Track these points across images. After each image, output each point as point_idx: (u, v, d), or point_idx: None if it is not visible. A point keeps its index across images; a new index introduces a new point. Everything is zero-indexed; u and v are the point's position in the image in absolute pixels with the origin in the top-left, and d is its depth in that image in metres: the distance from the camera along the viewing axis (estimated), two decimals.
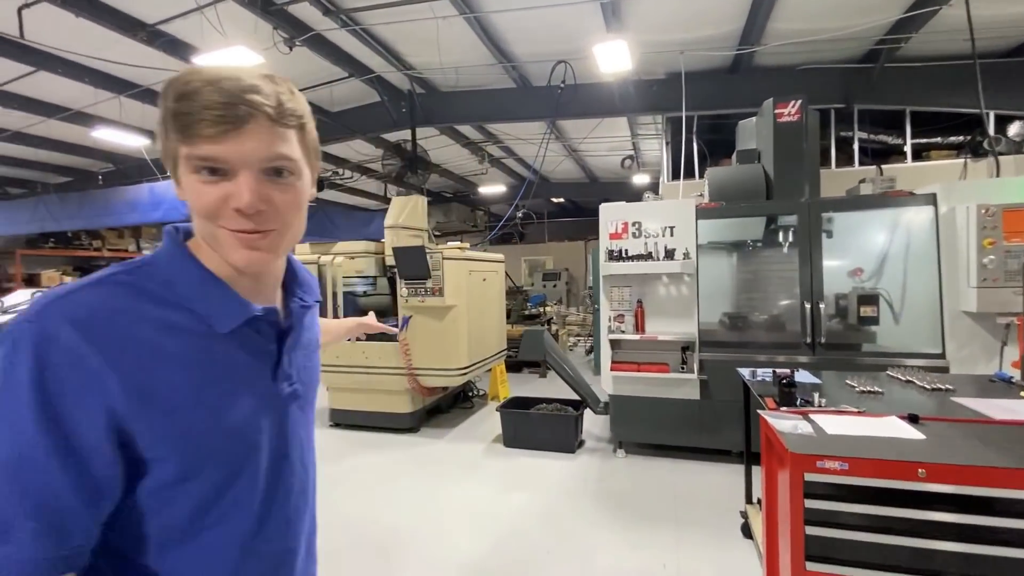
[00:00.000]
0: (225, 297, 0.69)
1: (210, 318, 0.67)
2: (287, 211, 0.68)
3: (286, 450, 0.77)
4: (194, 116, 0.60)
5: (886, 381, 2.47)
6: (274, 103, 0.63)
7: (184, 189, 0.65)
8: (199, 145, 0.61)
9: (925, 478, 1.45)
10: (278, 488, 0.75)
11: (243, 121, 0.61)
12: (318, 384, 0.89)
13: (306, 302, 0.83)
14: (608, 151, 9.76)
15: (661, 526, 3.03)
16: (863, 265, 3.94)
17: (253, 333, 0.72)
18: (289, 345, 0.77)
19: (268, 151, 0.63)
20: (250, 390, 0.71)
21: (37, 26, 4.61)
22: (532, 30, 5.31)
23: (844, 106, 5.71)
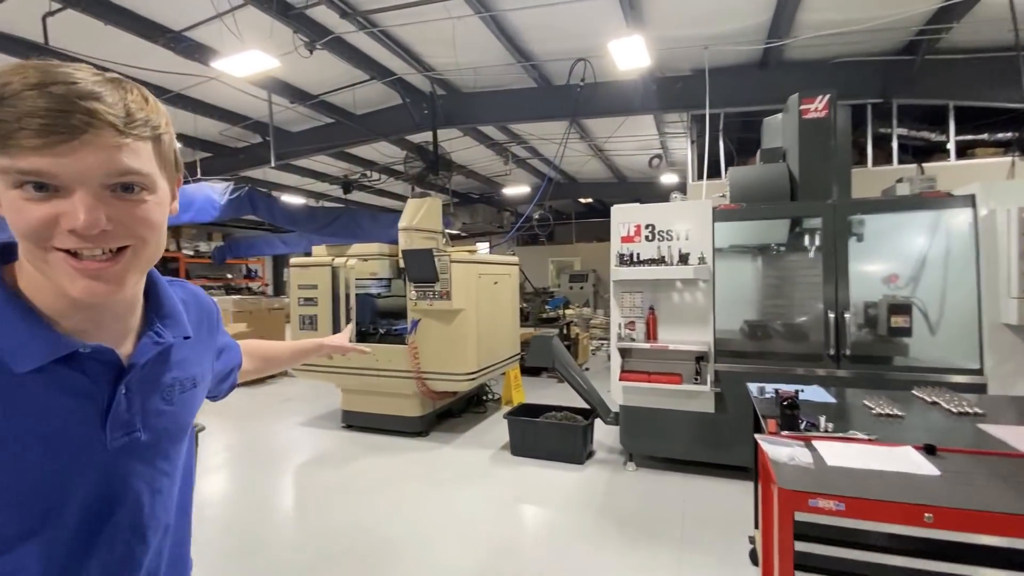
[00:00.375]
0: (30, 332, 0.59)
1: (5, 355, 0.57)
2: (138, 228, 0.59)
3: (109, 512, 0.65)
4: (14, 124, 0.51)
5: (909, 402, 2.26)
6: (121, 112, 0.56)
7: (4, 205, 0.56)
8: (20, 156, 0.52)
9: (932, 523, 1.28)
10: (87, 554, 0.63)
11: (79, 132, 0.53)
12: (187, 431, 0.77)
13: (162, 338, 0.70)
14: (635, 150, 9.53)
15: (664, 547, 2.88)
16: (898, 271, 3.65)
17: (74, 373, 0.61)
18: (131, 387, 0.66)
19: (112, 166, 0.56)
20: (59, 440, 0.60)
21: (67, 34, 4.82)
22: (549, 28, 5.20)
23: (882, 101, 5.35)
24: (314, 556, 2.87)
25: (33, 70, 0.53)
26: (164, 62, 5.41)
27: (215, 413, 6.05)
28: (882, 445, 1.72)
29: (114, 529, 0.66)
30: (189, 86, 6.40)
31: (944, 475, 1.47)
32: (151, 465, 0.70)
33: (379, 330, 5.17)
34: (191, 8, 4.66)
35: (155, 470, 0.70)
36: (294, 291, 5.18)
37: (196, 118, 7.25)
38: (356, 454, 4.48)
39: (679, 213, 3.81)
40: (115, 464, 0.65)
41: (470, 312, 4.58)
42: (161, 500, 0.72)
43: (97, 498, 0.64)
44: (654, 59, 5.27)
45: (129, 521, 0.67)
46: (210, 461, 4.47)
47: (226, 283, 14.02)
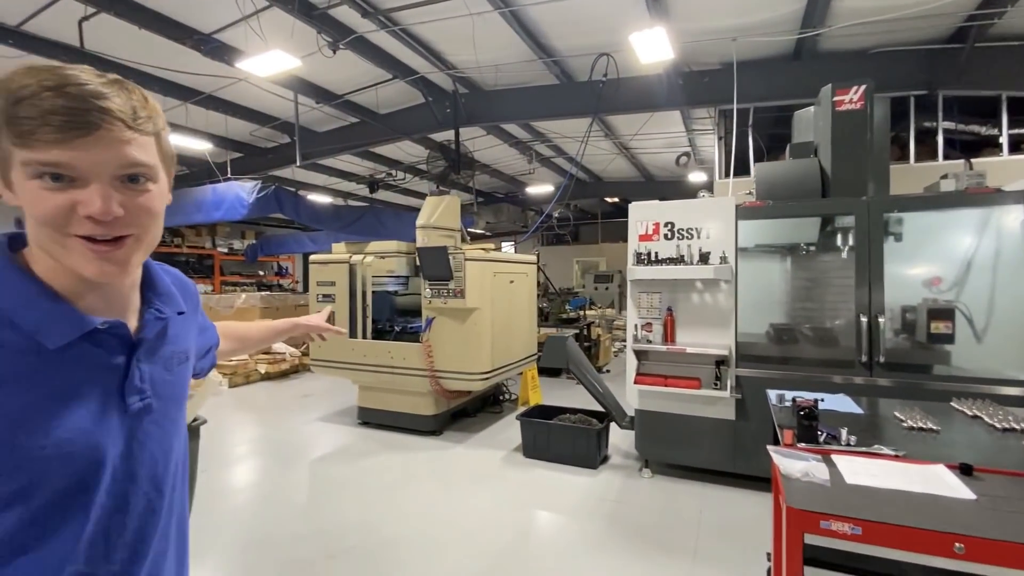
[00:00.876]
0: (55, 311, 0.65)
1: (37, 334, 0.63)
2: (143, 216, 0.67)
3: (133, 468, 0.73)
4: (36, 121, 0.58)
5: (947, 414, 2.07)
6: (128, 110, 0.63)
7: (18, 195, 0.62)
8: (41, 150, 0.59)
9: (963, 555, 1.13)
10: (118, 509, 0.71)
11: (94, 127, 0.60)
12: (184, 398, 0.85)
13: (163, 314, 0.79)
14: (662, 148, 9.30)
15: (677, 559, 2.74)
16: (942, 273, 3.39)
17: (93, 348, 0.68)
18: (140, 358, 0.74)
19: (123, 159, 0.63)
20: (87, 407, 0.67)
21: (102, 38, 5.00)
22: (571, 22, 5.10)
23: (927, 93, 5.02)
24: (318, 552, 2.85)
25: (47, 73, 0.60)
26: (193, 64, 5.55)
27: (238, 407, 6.19)
28: (911, 462, 1.56)
29: (139, 486, 0.74)
30: (220, 88, 6.57)
31: (980, 500, 1.31)
32: (161, 427, 0.78)
33: (395, 327, 5.16)
34: (219, 11, 4.76)
35: (163, 431, 0.78)
36: (313, 287, 5.23)
37: (227, 119, 7.43)
38: (369, 451, 4.48)
39: (700, 210, 3.65)
40: (134, 428, 0.73)
41: (484, 311, 4.52)
42: (171, 458, 0.80)
43: (123, 459, 0.71)
44: (679, 52, 5.10)
45: (149, 477, 0.75)
46: (230, 453, 4.55)
47: (258, 280, 14.40)
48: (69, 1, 4.30)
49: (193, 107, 6.87)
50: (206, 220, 8.18)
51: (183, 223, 8.80)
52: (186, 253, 12.60)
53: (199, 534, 2.74)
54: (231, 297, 9.16)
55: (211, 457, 4.27)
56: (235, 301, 8.89)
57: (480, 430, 4.99)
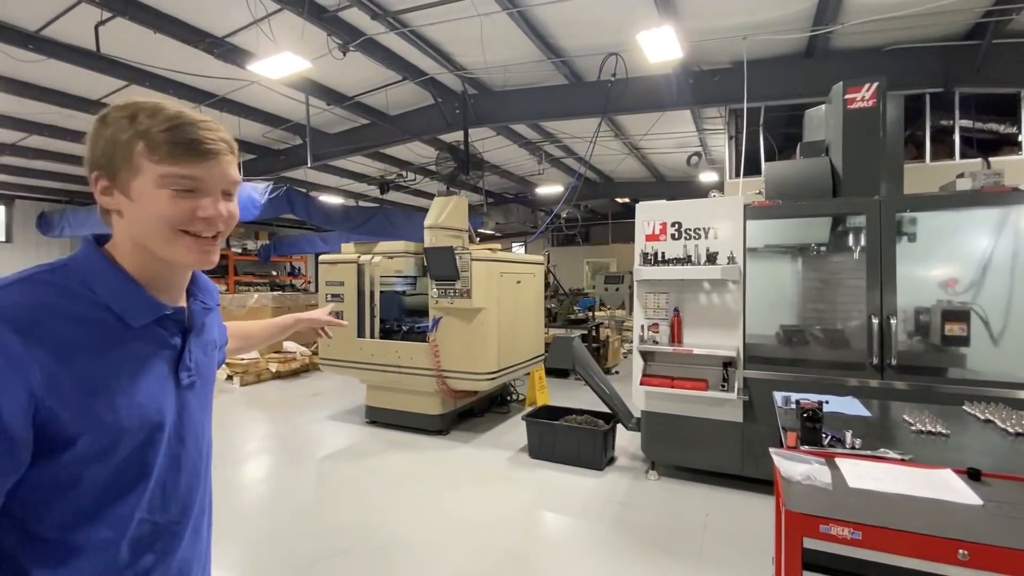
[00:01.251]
0: (139, 297, 0.79)
1: (124, 314, 0.77)
2: (231, 220, 0.82)
3: (183, 433, 0.86)
4: (181, 146, 0.75)
5: (959, 418, 2.02)
6: (230, 141, 0.81)
7: (139, 199, 0.76)
8: (185, 167, 0.75)
9: (967, 562, 1.11)
10: (173, 467, 0.84)
11: (217, 154, 0.78)
12: (214, 379, 0.99)
13: (208, 305, 0.94)
14: (673, 148, 9.23)
15: (681, 562, 2.71)
16: (957, 275, 3.32)
17: (160, 329, 0.82)
18: (191, 341, 0.87)
19: (229, 177, 0.81)
20: (155, 379, 0.80)
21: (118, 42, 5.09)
22: (579, 22, 5.08)
23: (943, 90, 4.91)
24: (322, 550, 2.88)
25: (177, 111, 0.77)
26: (207, 67, 5.63)
27: (249, 404, 6.27)
28: (917, 467, 1.52)
29: (187, 449, 0.87)
30: (233, 90, 6.66)
31: (987, 505, 1.27)
32: (199, 402, 0.91)
33: (402, 327, 5.19)
34: (232, 14, 4.82)
35: (200, 407, 0.91)
36: (322, 287, 5.28)
37: (240, 121, 7.53)
38: (375, 450, 4.50)
39: (707, 210, 3.61)
40: (183, 400, 0.86)
41: (491, 311, 4.52)
42: (204, 431, 0.93)
43: (175, 425, 0.84)
44: (688, 51, 5.06)
45: (194, 445, 0.89)
46: (241, 450, 4.61)
47: (271, 280, 14.57)
48: (86, 6, 4.38)
49: (207, 109, 6.97)
50: None
51: None
52: None
53: None
54: (244, 297, 9.28)
55: (222, 453, 4.33)
56: (248, 301, 9.01)
57: (487, 430, 4.99)
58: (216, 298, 0.99)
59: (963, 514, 1.24)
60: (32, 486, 0.70)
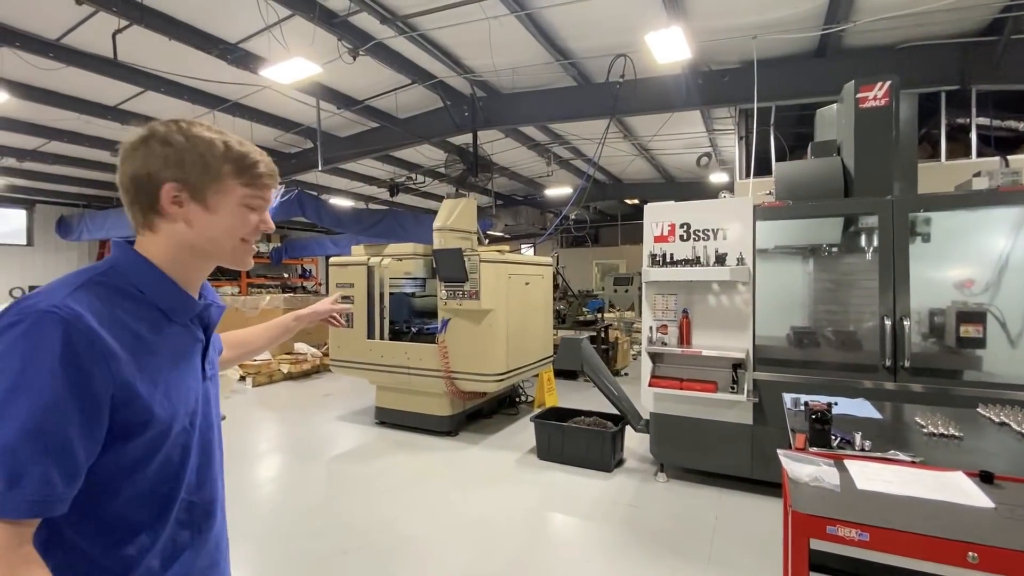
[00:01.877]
0: (181, 295, 0.88)
1: (170, 311, 0.86)
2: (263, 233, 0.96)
3: (209, 420, 0.94)
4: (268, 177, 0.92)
5: (972, 421, 1.98)
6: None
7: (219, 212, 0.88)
8: (265, 192, 0.92)
9: (977, 565, 1.09)
10: (206, 450, 0.93)
11: (276, 180, 0.94)
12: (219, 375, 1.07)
13: (221, 304, 1.01)
14: (682, 149, 9.19)
15: (690, 565, 2.69)
16: (974, 275, 3.26)
17: (192, 325, 0.91)
18: (211, 337, 0.97)
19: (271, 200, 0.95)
20: (191, 370, 0.89)
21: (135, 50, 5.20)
22: (587, 24, 5.08)
23: (959, 88, 4.83)
24: (331, 548, 2.90)
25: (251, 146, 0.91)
26: (220, 73, 5.72)
27: (260, 405, 6.34)
28: (928, 469, 1.50)
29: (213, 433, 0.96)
30: (245, 95, 6.75)
31: (999, 508, 1.25)
32: (215, 396, 0.99)
33: (412, 328, 5.22)
34: (244, 21, 4.90)
35: (215, 399, 0.99)
36: (333, 289, 5.33)
37: (252, 125, 7.63)
38: (385, 451, 4.53)
39: (716, 211, 3.59)
40: (207, 392, 0.94)
41: (499, 312, 4.53)
42: (220, 420, 1.02)
43: (204, 412, 0.92)
44: (697, 51, 5.04)
45: (216, 436, 0.98)
46: (252, 450, 4.67)
47: (283, 282, 14.74)
48: (104, 15, 4.48)
49: (220, 114, 7.08)
50: None
51: None
52: None
53: None
54: (256, 299, 9.39)
55: (234, 453, 4.38)
56: (260, 302, 9.11)
57: (495, 431, 5.00)
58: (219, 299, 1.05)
59: (973, 516, 1.22)
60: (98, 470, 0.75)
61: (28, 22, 4.84)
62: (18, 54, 5.08)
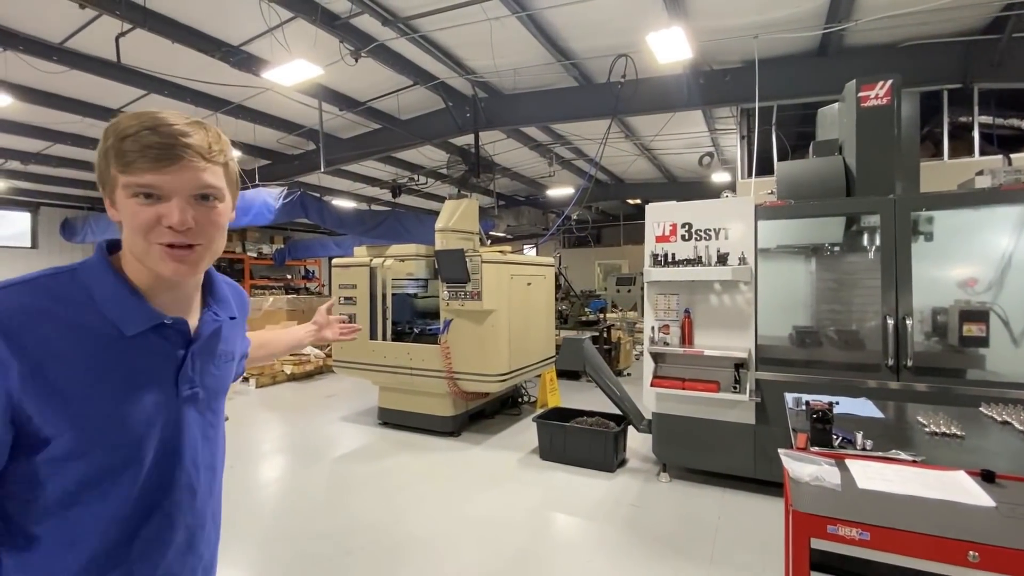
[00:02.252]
0: (135, 305, 0.79)
1: (119, 322, 0.78)
2: (211, 229, 0.81)
3: (178, 447, 0.84)
4: (137, 153, 0.74)
5: (975, 420, 1.98)
6: (205, 146, 0.78)
7: (120, 210, 0.78)
8: (139, 175, 0.74)
9: (977, 564, 1.09)
10: (162, 481, 0.83)
11: (178, 159, 0.75)
12: (225, 393, 0.97)
13: (219, 317, 0.92)
14: (684, 148, 9.18)
15: (693, 565, 2.69)
16: (976, 274, 3.26)
17: (160, 339, 0.82)
18: (195, 352, 0.86)
19: (197, 182, 0.78)
20: (148, 389, 0.80)
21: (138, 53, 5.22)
22: (588, 24, 5.09)
23: (961, 87, 4.82)
24: (335, 548, 2.91)
25: (146, 116, 0.76)
26: (223, 75, 5.75)
27: (264, 406, 6.36)
28: (929, 468, 1.50)
29: (182, 466, 0.85)
30: (248, 97, 6.78)
31: (1000, 507, 1.25)
32: (203, 416, 0.89)
33: (414, 329, 5.23)
34: (246, 23, 4.92)
35: (204, 421, 0.90)
36: (335, 290, 5.34)
37: (255, 127, 7.67)
38: (388, 451, 4.55)
39: (718, 211, 3.59)
40: (181, 411, 0.84)
41: (501, 313, 4.54)
42: (208, 445, 0.91)
43: (170, 439, 0.83)
44: (699, 51, 5.04)
45: (191, 459, 0.87)
46: (256, 450, 4.69)
47: (286, 283, 14.77)
48: (107, 18, 4.51)
49: (223, 117, 7.11)
50: (235, 225, 8.43)
51: None
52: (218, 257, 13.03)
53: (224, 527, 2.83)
54: (259, 300, 9.43)
55: (237, 454, 4.41)
56: (263, 304, 9.15)
57: (498, 432, 5.01)
58: (233, 308, 0.98)
59: (975, 516, 1.22)
60: (12, 480, 0.73)
61: (32, 25, 4.88)
62: (22, 57, 5.11)
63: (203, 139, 0.78)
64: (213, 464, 0.93)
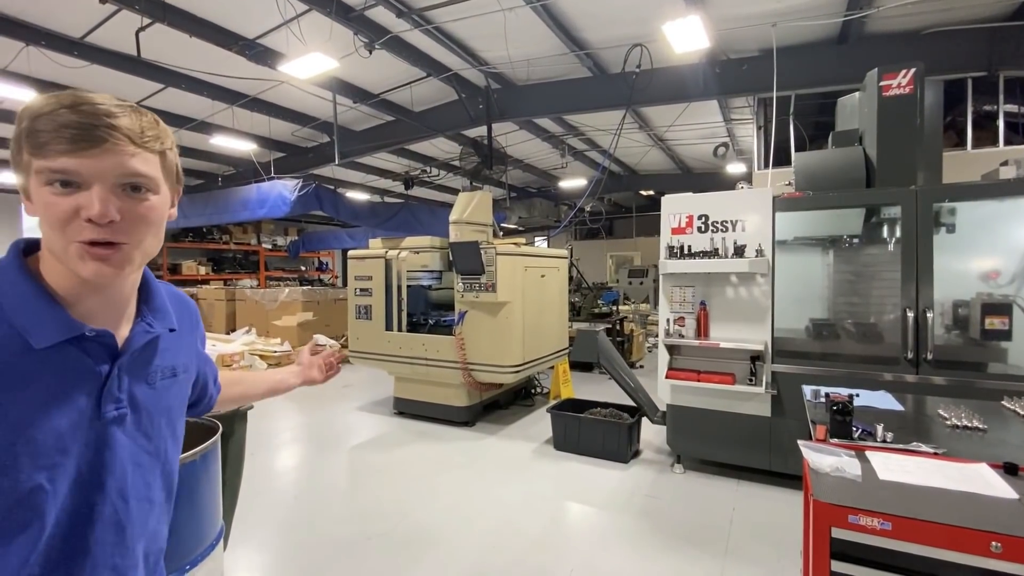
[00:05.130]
0: (48, 314, 0.68)
1: (25, 332, 0.66)
2: (139, 224, 0.70)
3: (100, 476, 0.72)
4: (51, 134, 0.64)
5: (997, 413, 1.97)
6: (136, 129, 0.68)
7: (35, 202, 0.67)
8: (53, 159, 0.64)
9: (1000, 554, 1.10)
10: (80, 516, 0.70)
11: (101, 141, 0.65)
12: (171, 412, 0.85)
13: (152, 328, 0.80)
14: (699, 139, 9.09)
15: (707, 555, 2.72)
16: (1000, 266, 3.21)
17: (78, 353, 0.71)
18: (123, 368, 0.75)
19: (125, 168, 0.67)
20: (63, 409, 0.68)
21: (157, 47, 5.29)
22: (603, 14, 5.05)
23: (986, 74, 4.71)
24: (354, 534, 2.98)
25: (67, 95, 0.66)
26: (239, 69, 5.80)
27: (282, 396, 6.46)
28: (951, 460, 1.50)
29: (105, 496, 0.73)
30: (263, 90, 6.84)
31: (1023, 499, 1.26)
32: (134, 440, 0.77)
33: (429, 321, 5.28)
34: (262, 17, 4.96)
35: (137, 445, 0.78)
36: (351, 282, 5.41)
37: (270, 120, 7.74)
38: (403, 440, 4.62)
39: (735, 203, 3.57)
40: (105, 435, 0.73)
41: (515, 305, 4.57)
42: (142, 473, 0.79)
43: (91, 464, 0.72)
44: (715, 40, 4.97)
45: (117, 488, 0.75)
46: (275, 439, 4.79)
47: (300, 275, 14.95)
48: (127, 13, 4.57)
49: (239, 110, 7.19)
50: (251, 217, 8.57)
51: (230, 221, 9.22)
52: (233, 249, 13.22)
53: (246, 514, 2.91)
54: (275, 292, 9.55)
55: (257, 442, 4.51)
56: (279, 295, 9.27)
57: (512, 422, 5.06)
58: (172, 320, 0.84)
59: (997, 507, 1.22)
60: None
61: (53, 21, 4.96)
62: (44, 52, 5.20)
63: (134, 122, 0.68)
64: (149, 496, 0.80)
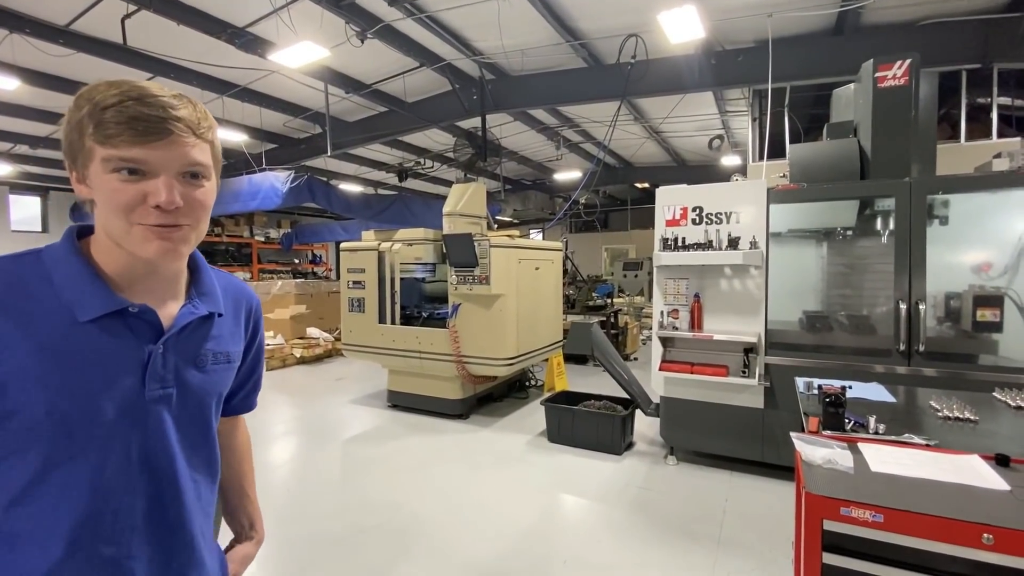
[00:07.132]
0: (93, 289, 0.73)
1: (72, 306, 0.71)
2: (199, 208, 0.75)
3: (145, 452, 0.75)
4: (121, 125, 0.68)
5: (988, 404, 1.98)
6: (195, 121, 0.73)
7: (95, 187, 0.71)
8: (124, 148, 0.68)
9: (991, 546, 1.10)
10: (123, 489, 0.74)
11: (167, 133, 0.70)
12: (212, 397, 0.85)
13: (196, 310, 0.82)
14: (694, 131, 9.06)
15: (700, 546, 2.73)
16: (992, 258, 3.22)
17: (124, 329, 0.74)
18: (168, 347, 0.77)
19: (187, 159, 0.73)
20: (107, 383, 0.72)
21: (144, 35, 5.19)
22: (598, 3, 4.99)
23: (980, 66, 4.70)
24: (348, 528, 2.97)
25: (131, 87, 0.69)
26: (228, 58, 5.70)
27: (275, 389, 6.44)
28: (943, 452, 1.50)
29: (152, 473, 0.76)
30: (254, 80, 6.73)
31: (1015, 491, 1.26)
32: (179, 421, 0.80)
33: (422, 313, 5.25)
34: (252, 4, 4.86)
35: (182, 427, 0.81)
36: (344, 274, 5.36)
37: (261, 111, 7.63)
38: (397, 433, 4.61)
39: (729, 195, 3.55)
40: (152, 414, 0.76)
41: (509, 297, 4.55)
42: (190, 455, 0.82)
43: (136, 443, 0.75)
44: (711, 31, 4.93)
45: (165, 469, 0.78)
46: (268, 432, 4.76)
47: (293, 268, 14.84)
48: (112, 0, 4.47)
49: (229, 100, 7.07)
50: (243, 209, 8.46)
51: (222, 213, 9.12)
52: (225, 242, 13.09)
53: None
54: (268, 284, 9.48)
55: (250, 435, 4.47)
56: (272, 288, 9.20)
57: (506, 415, 5.06)
58: (219, 304, 0.86)
59: (989, 499, 1.22)
60: None
61: (37, 8, 4.84)
62: (28, 40, 5.09)
63: (192, 113, 0.73)
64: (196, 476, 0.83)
